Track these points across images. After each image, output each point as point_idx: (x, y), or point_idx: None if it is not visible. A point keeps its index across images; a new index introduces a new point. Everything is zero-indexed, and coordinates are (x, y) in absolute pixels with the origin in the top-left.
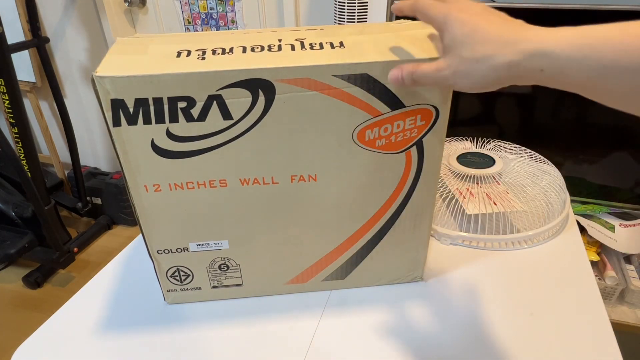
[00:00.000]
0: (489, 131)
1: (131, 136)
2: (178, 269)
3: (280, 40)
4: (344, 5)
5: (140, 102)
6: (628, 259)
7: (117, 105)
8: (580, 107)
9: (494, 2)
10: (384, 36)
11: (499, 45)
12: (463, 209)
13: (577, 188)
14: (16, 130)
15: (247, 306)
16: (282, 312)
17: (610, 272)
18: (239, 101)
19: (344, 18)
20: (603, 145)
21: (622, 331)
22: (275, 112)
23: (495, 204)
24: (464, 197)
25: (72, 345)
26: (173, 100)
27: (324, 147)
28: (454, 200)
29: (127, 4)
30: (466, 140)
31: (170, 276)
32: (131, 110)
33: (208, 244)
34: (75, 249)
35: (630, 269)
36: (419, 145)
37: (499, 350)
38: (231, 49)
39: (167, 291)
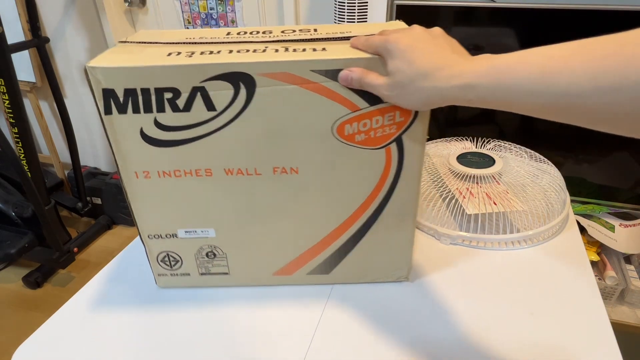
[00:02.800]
0: (489, 131)
1: (122, 124)
2: (168, 254)
3: (266, 47)
4: (344, 5)
5: (129, 92)
6: (628, 259)
7: (108, 94)
8: None
9: (494, 2)
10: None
11: (428, 74)
12: (463, 208)
13: (577, 188)
14: (16, 130)
15: (247, 304)
16: (282, 312)
17: (610, 272)
18: (221, 93)
19: (344, 18)
20: (603, 145)
21: (622, 331)
22: (257, 104)
23: (495, 204)
24: (464, 197)
25: (72, 345)
26: (159, 91)
27: (305, 140)
28: (454, 200)
29: (127, 4)
30: (466, 140)
31: (161, 261)
32: (121, 99)
33: (195, 232)
34: (75, 249)
35: (630, 269)
36: (399, 142)
37: (499, 350)
38: (219, 52)
39: (158, 275)
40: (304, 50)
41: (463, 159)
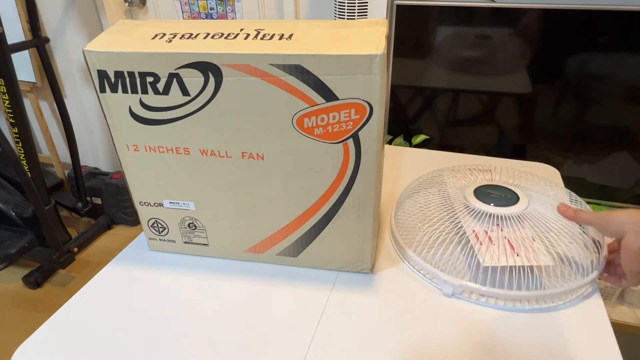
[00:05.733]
0: (490, 131)
1: (114, 102)
2: (156, 220)
3: (241, 30)
4: (344, 5)
5: (119, 74)
6: None
7: (102, 75)
8: (580, 107)
9: (494, 2)
10: (335, 31)
11: None
12: (477, 257)
13: (577, 188)
14: (16, 130)
15: (246, 299)
16: (283, 308)
17: None
18: (193, 80)
19: (344, 18)
20: (603, 145)
21: (622, 331)
22: (225, 93)
23: (519, 255)
24: (481, 244)
25: (72, 345)
26: (142, 75)
27: (268, 130)
28: (469, 245)
29: (127, 4)
30: (488, 170)
31: (151, 226)
32: (112, 80)
33: (178, 203)
34: (75, 249)
35: None
36: (356, 138)
37: (499, 349)
38: (196, 35)
39: (149, 239)
40: (271, 37)
41: (481, 192)
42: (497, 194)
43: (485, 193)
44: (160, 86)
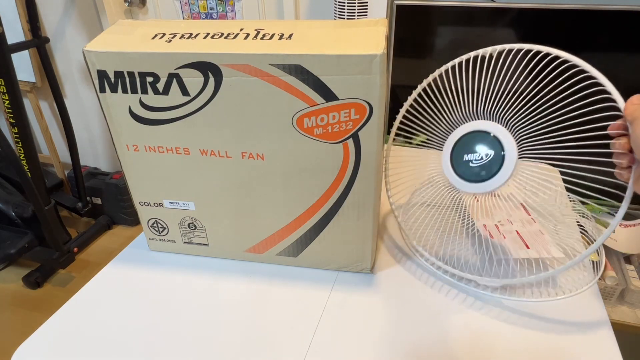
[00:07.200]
0: None
1: (114, 102)
2: (156, 220)
3: (241, 30)
4: (344, 5)
5: (118, 74)
6: (628, 259)
7: (102, 75)
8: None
9: (494, 2)
10: (335, 31)
11: None
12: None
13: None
14: (16, 130)
15: (246, 299)
16: (283, 308)
17: (610, 272)
18: (193, 80)
19: (344, 18)
20: (603, 145)
21: (622, 331)
22: (224, 93)
23: (529, 247)
24: (492, 237)
25: (72, 345)
26: (142, 75)
27: (268, 130)
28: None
29: (127, 4)
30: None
31: (151, 226)
32: (112, 80)
33: (178, 203)
34: (75, 249)
35: (630, 269)
36: (355, 138)
37: (498, 349)
38: (196, 35)
39: (149, 239)
40: (271, 37)
41: (458, 158)
42: (477, 160)
43: (464, 162)
44: (160, 86)
